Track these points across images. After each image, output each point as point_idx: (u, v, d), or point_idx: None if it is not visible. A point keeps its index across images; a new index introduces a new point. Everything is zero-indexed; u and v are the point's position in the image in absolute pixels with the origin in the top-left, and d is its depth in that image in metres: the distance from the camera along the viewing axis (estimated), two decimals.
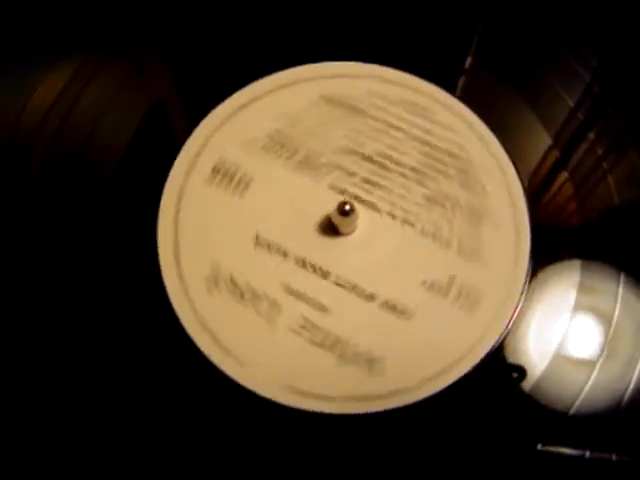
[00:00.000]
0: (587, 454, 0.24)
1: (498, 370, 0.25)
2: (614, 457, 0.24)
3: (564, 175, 0.29)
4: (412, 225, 0.27)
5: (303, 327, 0.25)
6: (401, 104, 0.29)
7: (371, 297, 0.26)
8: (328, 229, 0.27)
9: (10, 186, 0.28)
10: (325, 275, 0.26)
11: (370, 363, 0.25)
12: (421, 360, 0.25)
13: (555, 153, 0.30)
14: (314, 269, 0.26)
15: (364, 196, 0.27)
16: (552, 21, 0.32)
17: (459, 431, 0.25)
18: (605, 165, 0.29)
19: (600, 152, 0.30)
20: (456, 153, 0.28)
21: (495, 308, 0.25)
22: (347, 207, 0.25)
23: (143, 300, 0.26)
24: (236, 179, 0.27)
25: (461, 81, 0.31)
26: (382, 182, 0.28)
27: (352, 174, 0.28)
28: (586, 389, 0.25)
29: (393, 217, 0.27)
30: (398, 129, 0.29)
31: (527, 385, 0.25)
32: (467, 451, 0.25)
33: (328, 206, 0.26)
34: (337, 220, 0.26)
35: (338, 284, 0.26)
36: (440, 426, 0.25)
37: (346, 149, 0.28)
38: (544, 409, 0.25)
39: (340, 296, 0.26)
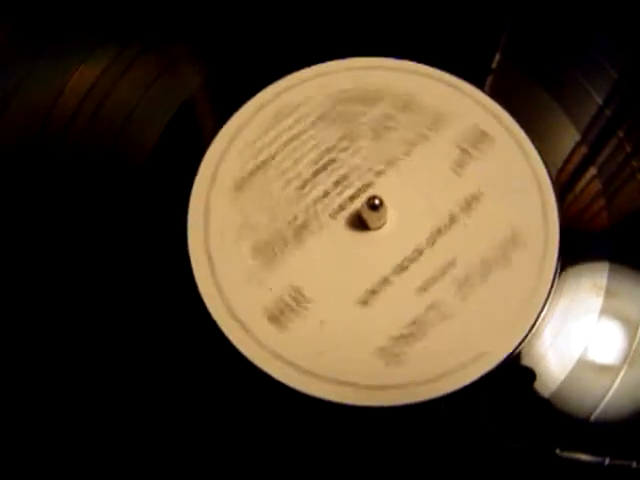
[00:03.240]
0: (607, 461, 0.24)
1: (513, 372, 0.25)
2: (634, 464, 0.24)
3: (592, 172, 0.29)
4: (395, 159, 0.27)
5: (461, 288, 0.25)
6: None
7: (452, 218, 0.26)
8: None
9: (42, 173, 0.27)
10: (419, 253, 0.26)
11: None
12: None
13: (583, 149, 0.29)
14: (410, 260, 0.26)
15: (351, 190, 0.27)
16: (580, 18, 0.31)
17: (476, 433, 0.24)
18: (635, 163, 0.29)
19: (629, 150, 0.29)
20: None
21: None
22: (376, 201, 0.24)
23: (176, 302, 0.26)
24: (293, 306, 0.26)
25: (490, 78, 0.30)
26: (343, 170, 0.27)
27: (325, 193, 0.27)
28: (608, 396, 0.24)
29: (381, 173, 0.27)
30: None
31: (547, 390, 0.25)
32: (483, 454, 0.24)
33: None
34: (369, 217, 0.25)
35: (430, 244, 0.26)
36: (456, 426, 0.25)
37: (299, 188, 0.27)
38: (564, 415, 0.24)
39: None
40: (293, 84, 0.29)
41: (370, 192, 0.26)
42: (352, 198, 0.27)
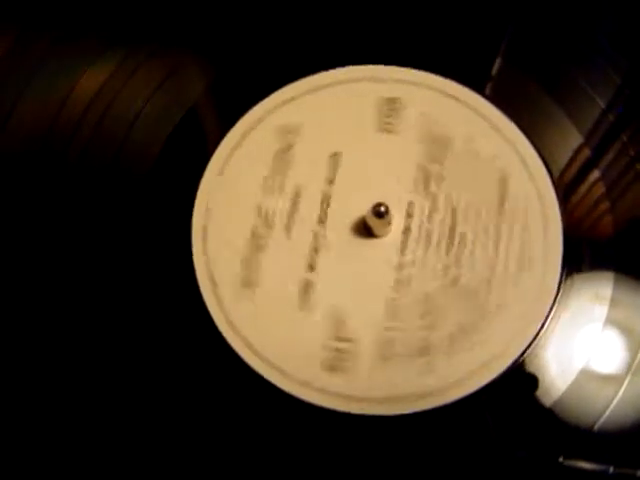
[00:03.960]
0: (611, 470, 0.24)
1: (517, 382, 0.25)
2: (639, 473, 0.24)
3: (596, 177, 0.28)
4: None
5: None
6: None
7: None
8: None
9: (47, 178, 0.27)
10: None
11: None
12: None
13: (586, 153, 0.29)
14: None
15: None
16: (582, 22, 0.31)
17: (480, 442, 0.24)
18: (638, 167, 0.29)
19: (632, 153, 0.29)
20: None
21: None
22: (382, 209, 0.24)
23: (179, 311, 0.26)
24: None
25: (490, 83, 0.30)
26: None
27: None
28: (612, 406, 0.24)
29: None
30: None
31: (551, 399, 0.25)
32: (487, 462, 0.24)
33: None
34: (372, 222, 0.25)
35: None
36: (460, 435, 0.25)
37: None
38: (568, 423, 0.24)
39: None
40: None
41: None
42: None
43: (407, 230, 0.26)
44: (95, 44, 0.30)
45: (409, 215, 0.26)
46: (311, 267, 0.26)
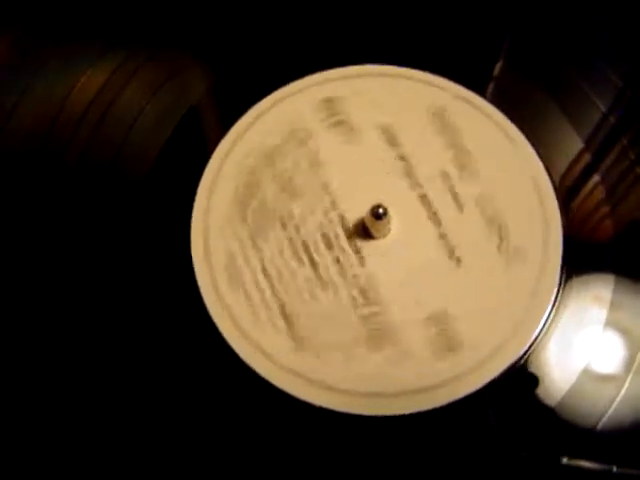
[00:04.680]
0: (614, 469, 0.24)
1: (517, 382, 0.25)
2: None
3: (596, 180, 0.29)
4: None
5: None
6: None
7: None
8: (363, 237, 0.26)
9: (46, 179, 0.28)
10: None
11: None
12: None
13: (586, 156, 0.29)
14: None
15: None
16: (583, 25, 0.31)
17: (481, 442, 0.24)
18: (638, 170, 0.29)
19: (633, 157, 0.29)
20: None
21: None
22: (380, 210, 0.24)
23: (180, 312, 0.26)
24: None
25: (491, 85, 0.30)
26: None
27: None
28: (613, 406, 0.24)
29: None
30: None
31: (553, 400, 0.25)
32: (489, 462, 0.24)
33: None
34: (371, 224, 0.25)
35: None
36: (462, 433, 0.25)
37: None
38: (570, 424, 0.24)
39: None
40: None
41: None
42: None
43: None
44: (95, 46, 0.30)
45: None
46: (312, 264, 0.26)
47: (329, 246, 0.26)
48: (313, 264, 0.26)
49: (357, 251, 0.26)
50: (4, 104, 0.29)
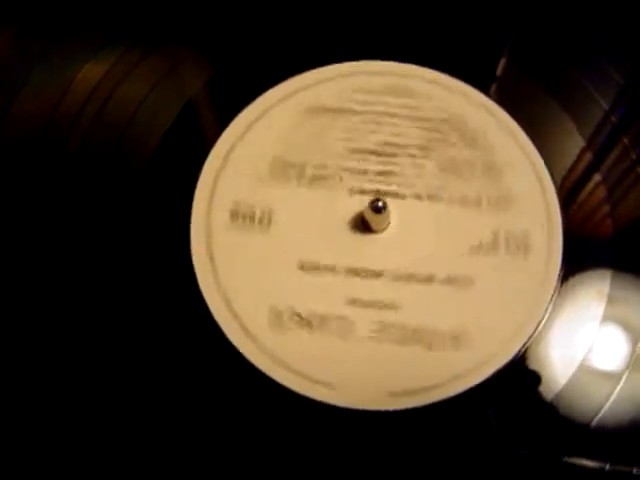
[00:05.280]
0: (607, 467, 0.24)
1: (516, 378, 0.25)
2: (635, 471, 0.24)
3: (597, 179, 0.29)
4: (439, 199, 0.27)
5: (380, 331, 0.25)
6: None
7: (430, 279, 0.25)
8: (363, 231, 0.26)
9: (46, 171, 0.28)
10: (378, 275, 0.25)
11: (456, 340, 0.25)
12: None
13: (588, 155, 0.29)
14: (366, 273, 0.25)
15: (384, 187, 0.27)
16: (586, 24, 0.31)
17: (478, 438, 0.24)
18: (639, 169, 0.29)
19: (634, 156, 0.29)
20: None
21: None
22: (380, 203, 0.25)
23: (178, 301, 0.26)
24: (257, 219, 0.27)
25: (495, 84, 0.30)
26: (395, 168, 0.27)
27: (364, 171, 0.27)
28: (610, 402, 0.24)
29: (419, 198, 0.27)
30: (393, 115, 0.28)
31: (549, 395, 0.25)
32: (486, 459, 0.24)
33: (356, 210, 0.26)
34: (371, 218, 0.25)
35: (395, 279, 0.25)
36: (460, 430, 0.25)
37: (349, 150, 0.28)
38: (565, 420, 0.24)
39: (401, 289, 0.25)
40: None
41: (394, 204, 0.26)
42: (377, 193, 0.27)
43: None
44: (94, 39, 0.30)
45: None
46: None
47: None
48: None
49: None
50: (3, 98, 0.29)
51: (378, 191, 0.27)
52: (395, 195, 0.27)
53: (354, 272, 0.26)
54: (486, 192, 0.27)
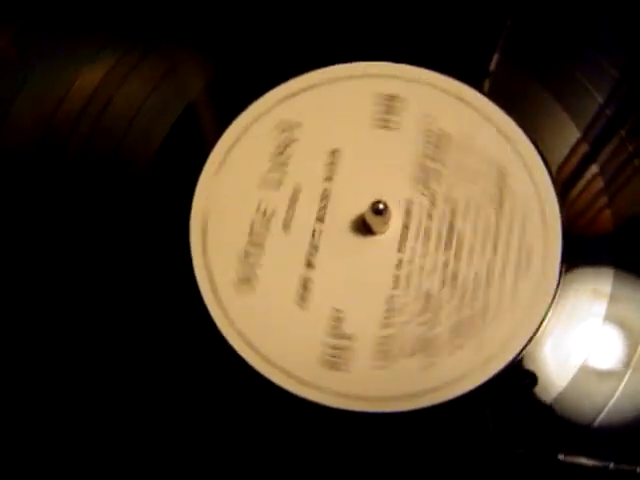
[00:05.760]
0: (611, 466, 0.24)
1: (513, 377, 0.25)
2: (639, 470, 0.24)
3: (594, 172, 0.28)
4: None
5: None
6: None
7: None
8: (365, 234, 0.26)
9: (45, 181, 0.27)
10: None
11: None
12: None
13: (584, 149, 0.29)
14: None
15: None
16: (580, 17, 0.31)
17: (479, 439, 0.24)
18: (637, 162, 0.29)
19: (631, 149, 0.29)
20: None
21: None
22: (381, 206, 0.24)
23: (178, 305, 0.26)
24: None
25: (489, 78, 0.30)
26: None
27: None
28: (611, 402, 0.24)
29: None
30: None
31: (550, 396, 0.25)
32: (487, 460, 0.24)
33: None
34: (372, 221, 0.25)
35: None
36: (459, 431, 0.25)
37: None
38: (567, 420, 0.24)
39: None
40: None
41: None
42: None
43: (405, 227, 0.26)
44: (93, 41, 0.30)
45: (408, 212, 0.26)
46: (310, 264, 0.26)
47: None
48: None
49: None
50: (3, 100, 0.28)
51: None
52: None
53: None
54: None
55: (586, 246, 0.27)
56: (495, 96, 0.29)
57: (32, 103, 0.28)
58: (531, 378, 0.25)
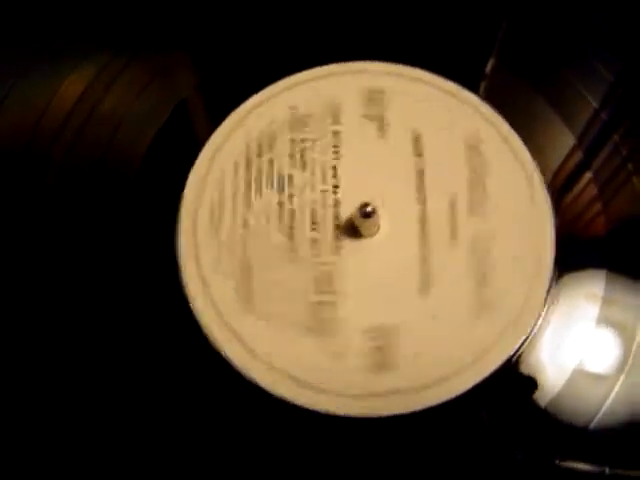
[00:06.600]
0: (607, 470, 0.24)
1: (510, 381, 0.25)
2: (634, 474, 0.24)
3: (588, 177, 0.28)
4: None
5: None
6: None
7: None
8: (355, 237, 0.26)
9: (33, 183, 0.27)
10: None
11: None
12: None
13: (579, 153, 0.29)
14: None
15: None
16: (575, 22, 0.31)
17: (472, 442, 0.24)
18: (630, 167, 0.29)
19: (625, 153, 0.29)
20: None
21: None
22: (369, 208, 0.25)
23: (166, 307, 0.26)
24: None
25: (484, 82, 0.30)
26: None
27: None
28: (606, 405, 0.24)
29: None
30: None
31: (544, 399, 0.24)
32: (480, 463, 0.24)
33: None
34: (360, 223, 0.25)
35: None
36: (455, 434, 0.24)
37: None
38: (562, 424, 0.24)
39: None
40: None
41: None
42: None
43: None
44: (82, 43, 0.30)
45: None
46: None
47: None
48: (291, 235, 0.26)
49: (337, 238, 0.26)
50: None
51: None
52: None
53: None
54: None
55: (580, 249, 0.27)
56: (490, 100, 0.29)
57: (20, 106, 0.29)
58: (530, 383, 0.25)
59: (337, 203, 0.26)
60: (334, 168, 0.27)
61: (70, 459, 0.24)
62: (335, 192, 0.27)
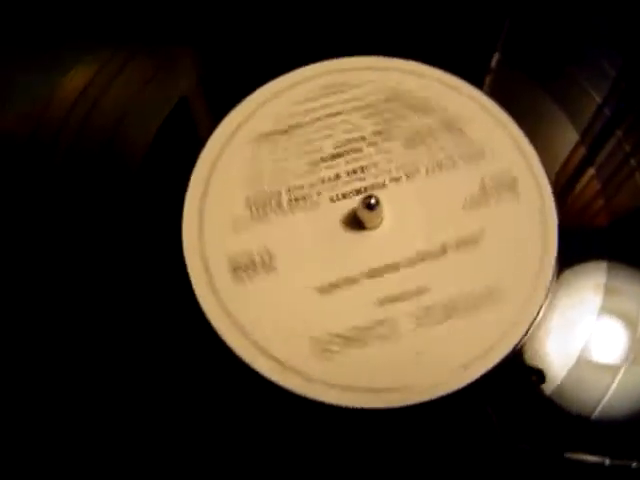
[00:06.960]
0: (607, 461, 0.24)
1: (517, 373, 0.25)
2: (634, 465, 0.24)
3: (591, 172, 0.29)
4: (416, 172, 0.27)
5: (421, 317, 0.25)
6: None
7: (444, 249, 0.26)
8: (358, 231, 0.26)
9: (35, 178, 0.27)
10: (396, 267, 0.25)
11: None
12: None
13: (582, 149, 0.29)
14: (386, 269, 0.25)
15: (362, 184, 0.27)
16: (579, 17, 0.31)
17: (477, 434, 0.24)
18: (633, 162, 0.29)
19: (628, 149, 0.29)
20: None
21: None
22: (372, 200, 0.25)
23: (169, 296, 0.26)
24: (259, 265, 0.26)
25: (488, 77, 0.30)
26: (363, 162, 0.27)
27: (337, 176, 0.27)
28: (609, 394, 0.24)
29: (397, 180, 0.27)
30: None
31: (548, 389, 0.24)
32: (484, 454, 0.24)
33: (344, 214, 0.26)
34: (364, 216, 0.25)
35: (412, 264, 0.25)
36: (460, 426, 0.24)
37: (313, 163, 0.27)
38: (564, 414, 0.24)
39: (424, 270, 0.25)
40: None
41: (377, 192, 0.26)
42: (358, 192, 0.27)
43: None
44: (84, 38, 0.30)
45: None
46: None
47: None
48: None
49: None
50: None
51: (359, 190, 0.27)
52: (374, 187, 0.27)
53: (372, 274, 0.25)
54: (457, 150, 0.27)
55: (583, 242, 0.27)
56: (494, 95, 0.29)
57: (22, 101, 0.29)
58: (538, 375, 0.25)
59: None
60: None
61: (77, 449, 0.24)
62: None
